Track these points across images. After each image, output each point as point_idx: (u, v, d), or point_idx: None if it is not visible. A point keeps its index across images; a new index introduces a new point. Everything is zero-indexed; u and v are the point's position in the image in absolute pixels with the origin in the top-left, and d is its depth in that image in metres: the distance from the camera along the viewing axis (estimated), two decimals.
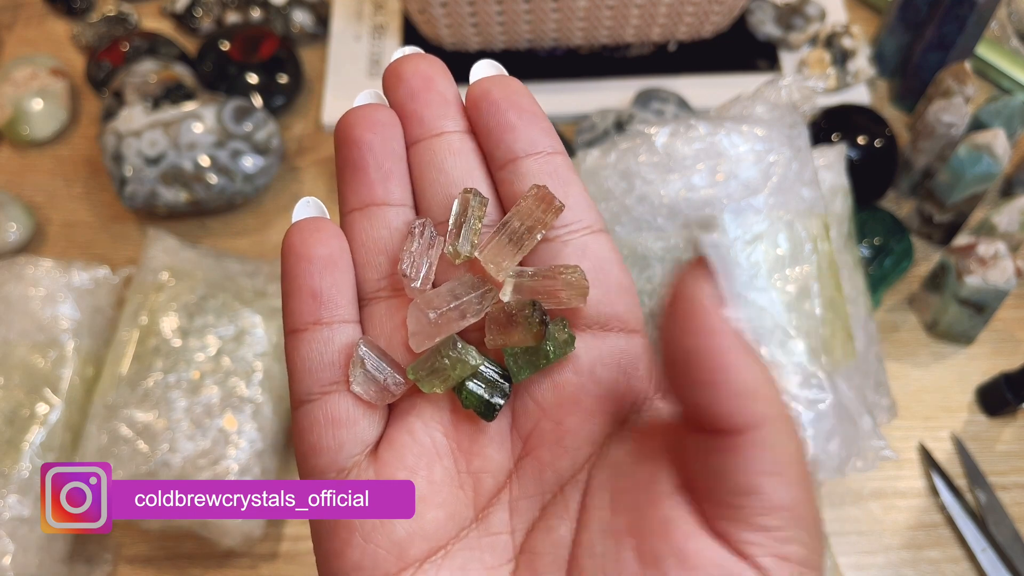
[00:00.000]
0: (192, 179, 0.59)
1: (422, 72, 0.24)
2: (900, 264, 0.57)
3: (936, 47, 0.61)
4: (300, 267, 0.22)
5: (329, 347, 0.22)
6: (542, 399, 0.22)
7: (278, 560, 0.51)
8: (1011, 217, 0.53)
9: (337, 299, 0.22)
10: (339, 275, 0.23)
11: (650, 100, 0.64)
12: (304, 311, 0.22)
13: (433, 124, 0.24)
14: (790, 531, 0.19)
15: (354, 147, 0.23)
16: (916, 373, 0.55)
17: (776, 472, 0.19)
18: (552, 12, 0.62)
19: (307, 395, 0.22)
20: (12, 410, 0.50)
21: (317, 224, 0.23)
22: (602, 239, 0.23)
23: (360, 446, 0.22)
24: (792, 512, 0.19)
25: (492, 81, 0.24)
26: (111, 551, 0.51)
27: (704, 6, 0.62)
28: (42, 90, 0.66)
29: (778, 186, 0.44)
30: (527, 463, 0.22)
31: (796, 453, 0.19)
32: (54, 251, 0.62)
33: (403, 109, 0.24)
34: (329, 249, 0.23)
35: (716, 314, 0.18)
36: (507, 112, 0.23)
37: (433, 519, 0.22)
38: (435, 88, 0.24)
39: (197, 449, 0.48)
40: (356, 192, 0.23)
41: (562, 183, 0.23)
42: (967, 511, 0.50)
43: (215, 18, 0.71)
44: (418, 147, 0.24)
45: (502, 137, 0.23)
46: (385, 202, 0.23)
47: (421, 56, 0.24)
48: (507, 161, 0.23)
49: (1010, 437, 0.53)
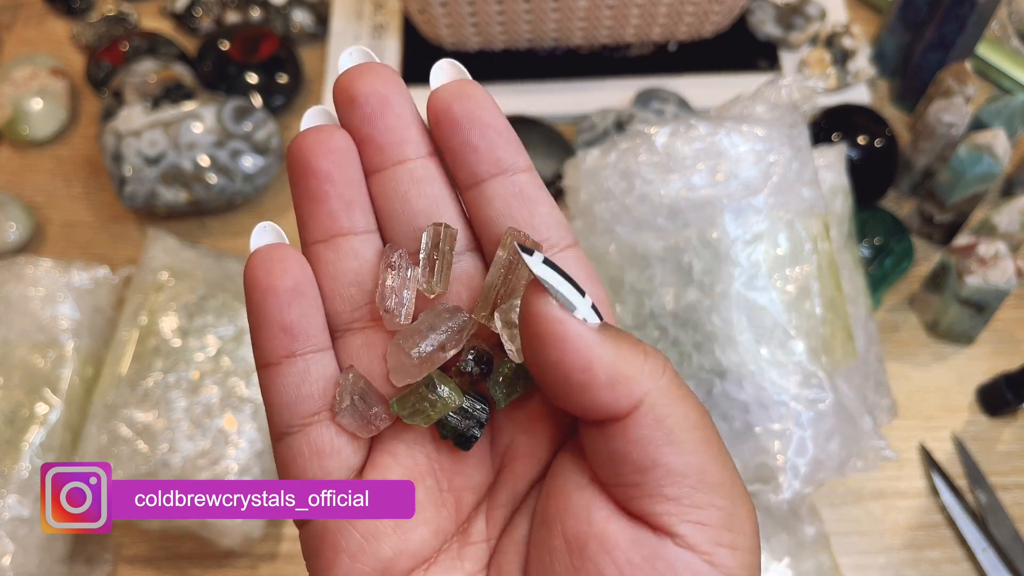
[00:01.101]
0: (192, 179, 0.59)
1: (377, 93, 0.22)
2: (900, 264, 0.57)
3: (936, 47, 0.61)
4: (267, 301, 0.22)
5: (306, 379, 0.22)
6: (515, 415, 0.23)
7: (278, 560, 0.51)
8: (1011, 217, 0.53)
9: (308, 330, 0.22)
10: (307, 305, 0.22)
11: (650, 100, 0.64)
12: (276, 346, 0.22)
13: (393, 152, 0.22)
14: (699, 496, 0.20)
15: (312, 178, 0.22)
16: (916, 373, 0.55)
17: (668, 443, 0.19)
18: (552, 12, 0.62)
19: (288, 428, 0.22)
20: (12, 410, 0.50)
21: (279, 253, 0.22)
22: (570, 255, 0.23)
23: (346, 472, 0.22)
24: (696, 478, 0.20)
25: (453, 94, 0.22)
26: (111, 551, 0.51)
27: (704, 6, 0.62)
28: (42, 90, 0.66)
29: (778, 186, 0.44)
30: (504, 476, 0.23)
31: (687, 420, 0.20)
32: (54, 251, 0.62)
33: (358, 134, 0.22)
34: (294, 279, 0.22)
35: (561, 322, 0.19)
36: (469, 132, 0.22)
37: (419, 537, 0.22)
38: (392, 111, 0.22)
39: (197, 449, 0.48)
40: (319, 224, 0.23)
41: (528, 203, 0.22)
42: (967, 511, 0.50)
43: (215, 18, 0.71)
44: (379, 177, 0.23)
45: (465, 159, 0.22)
46: (351, 232, 0.23)
47: (373, 71, 0.22)
48: (472, 183, 0.23)
49: (1010, 437, 0.53)
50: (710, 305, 0.43)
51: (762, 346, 0.42)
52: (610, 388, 0.19)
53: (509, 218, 0.22)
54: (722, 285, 0.43)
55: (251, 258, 0.22)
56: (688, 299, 0.43)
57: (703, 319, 0.43)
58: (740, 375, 0.42)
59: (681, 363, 0.43)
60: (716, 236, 0.43)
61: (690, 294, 0.43)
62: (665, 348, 0.44)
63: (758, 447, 0.41)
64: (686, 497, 0.20)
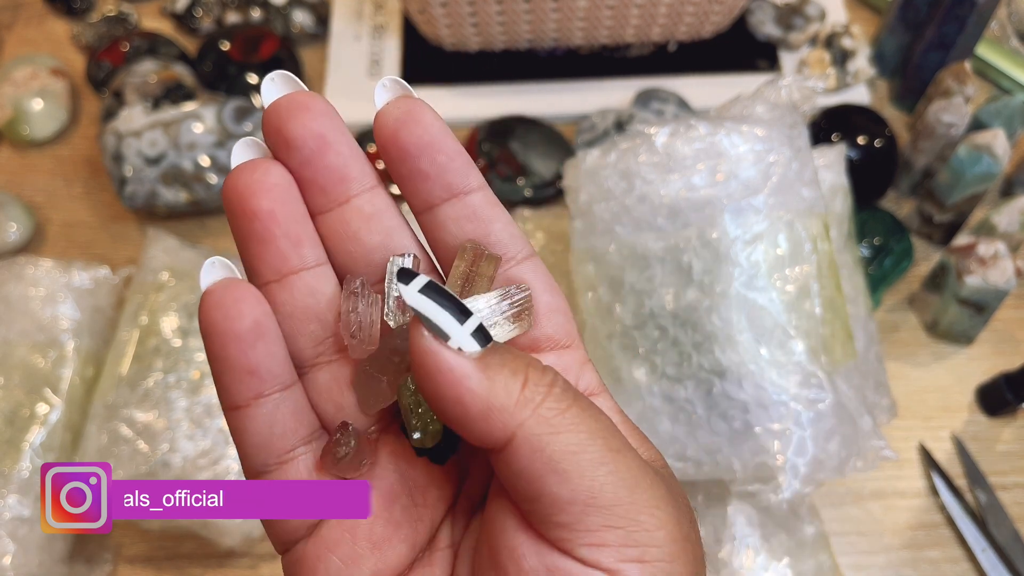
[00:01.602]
0: (192, 179, 0.59)
1: (313, 133, 0.21)
2: (900, 264, 0.57)
3: (936, 47, 0.61)
4: (229, 346, 0.21)
5: (277, 418, 0.22)
6: None
7: (278, 560, 0.50)
8: (1011, 217, 0.53)
9: (273, 369, 0.22)
10: (270, 343, 0.21)
11: (650, 100, 0.64)
12: (243, 390, 0.21)
13: (337, 191, 0.22)
14: (591, 519, 0.19)
15: (255, 220, 0.21)
16: (916, 373, 0.55)
17: (550, 471, 0.19)
18: (552, 12, 0.62)
19: (264, 467, 0.22)
20: (12, 410, 0.50)
21: (233, 291, 0.21)
22: (527, 266, 0.23)
23: None
24: (584, 504, 0.19)
25: (398, 119, 0.21)
26: (111, 551, 0.51)
27: (704, 6, 0.62)
28: (42, 90, 0.66)
29: (778, 186, 0.44)
30: (467, 484, 0.24)
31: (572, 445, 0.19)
32: (54, 251, 0.62)
33: (298, 175, 0.22)
34: (253, 318, 0.21)
35: (433, 354, 0.19)
36: (418, 160, 0.22)
37: (396, 555, 0.22)
38: (331, 149, 0.22)
39: (197, 449, 0.48)
40: (268, 265, 0.22)
41: (482, 223, 0.22)
42: (967, 511, 0.50)
43: (215, 18, 0.71)
44: (327, 218, 0.22)
45: (416, 186, 0.22)
46: (302, 268, 0.22)
47: (305, 107, 0.21)
48: (425, 208, 0.22)
49: (1010, 437, 0.53)
50: (710, 305, 0.43)
51: (762, 346, 0.42)
52: (483, 420, 0.19)
53: (464, 239, 0.22)
54: (722, 285, 0.43)
55: (204, 298, 0.21)
56: (688, 299, 0.43)
57: (703, 319, 0.43)
58: (740, 375, 0.42)
59: (681, 363, 0.43)
60: (716, 236, 0.43)
61: (690, 294, 0.43)
62: (665, 348, 0.44)
63: (758, 447, 0.41)
64: (577, 523, 0.19)
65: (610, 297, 0.46)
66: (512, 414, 0.19)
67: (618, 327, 0.45)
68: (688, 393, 0.43)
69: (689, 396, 0.43)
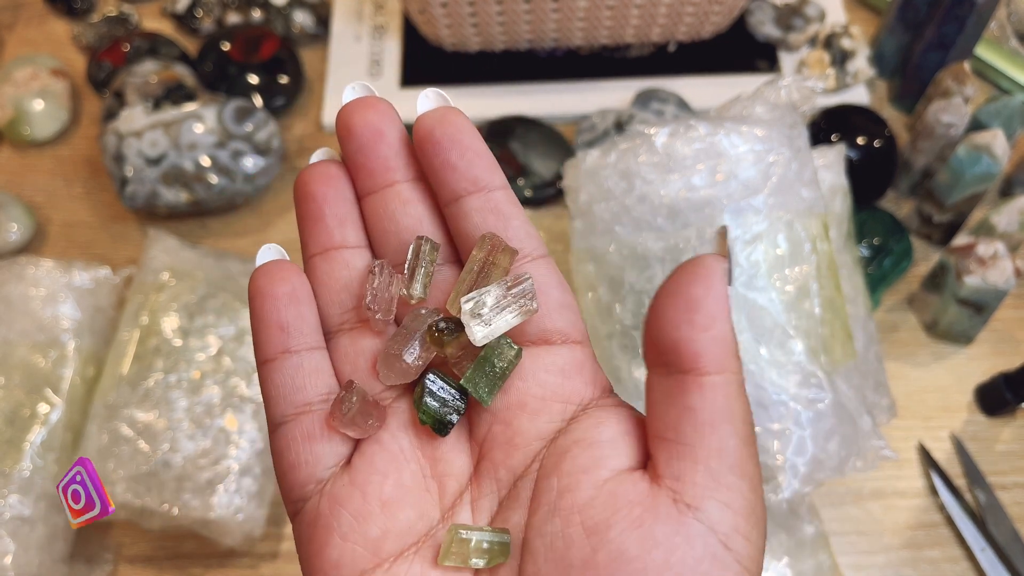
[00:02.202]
0: (193, 179, 0.59)
1: (371, 125, 0.25)
2: (899, 264, 0.57)
3: (935, 47, 0.61)
4: (266, 304, 0.25)
5: (299, 372, 0.25)
6: (492, 406, 0.25)
7: (279, 559, 0.51)
8: (1010, 217, 0.53)
9: (302, 328, 0.25)
10: (302, 308, 0.25)
11: (650, 100, 0.64)
12: (273, 342, 0.25)
13: (383, 177, 0.25)
14: (733, 479, 0.21)
15: (311, 200, 0.26)
16: (915, 373, 0.55)
17: (728, 420, 0.21)
18: (552, 12, 0.62)
19: (282, 417, 0.25)
20: (13, 410, 0.50)
21: (278, 265, 0.25)
22: (541, 264, 0.25)
23: (335, 458, 0.25)
24: (736, 463, 0.21)
25: (435, 119, 0.25)
26: (111, 551, 0.51)
27: (704, 7, 0.62)
28: (43, 90, 0.66)
29: (777, 186, 0.44)
30: (484, 465, 0.24)
31: (747, 415, 0.22)
32: (55, 251, 0.62)
33: (354, 161, 0.26)
34: (291, 286, 0.25)
35: (722, 281, 0.21)
36: (449, 152, 0.25)
37: (405, 519, 0.24)
38: (384, 140, 0.25)
39: (198, 449, 0.48)
40: (316, 239, 0.26)
41: (503, 217, 0.25)
42: (966, 511, 0.50)
43: (216, 18, 0.71)
44: (371, 199, 0.26)
45: (445, 177, 0.25)
46: (343, 245, 0.26)
47: (370, 105, 0.25)
48: (451, 200, 0.25)
49: (1009, 437, 0.53)
50: None
51: (761, 346, 0.42)
52: (713, 343, 0.21)
53: (484, 231, 0.25)
54: None
55: (255, 272, 0.25)
56: None
57: None
58: None
59: None
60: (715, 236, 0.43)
61: None
62: None
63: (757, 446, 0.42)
64: (723, 476, 0.21)
65: (610, 297, 0.46)
66: (735, 361, 0.22)
67: (618, 327, 0.45)
68: None
69: None
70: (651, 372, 0.23)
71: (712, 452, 0.21)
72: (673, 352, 0.21)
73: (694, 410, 0.21)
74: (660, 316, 0.22)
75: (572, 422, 0.24)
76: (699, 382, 0.21)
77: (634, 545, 0.21)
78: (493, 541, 0.23)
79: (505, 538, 0.23)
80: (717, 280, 0.21)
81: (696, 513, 0.21)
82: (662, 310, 0.22)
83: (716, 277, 0.21)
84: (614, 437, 0.23)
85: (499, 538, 0.23)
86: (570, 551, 0.21)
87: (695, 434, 0.21)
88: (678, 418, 0.21)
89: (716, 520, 0.21)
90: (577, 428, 0.24)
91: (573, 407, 0.24)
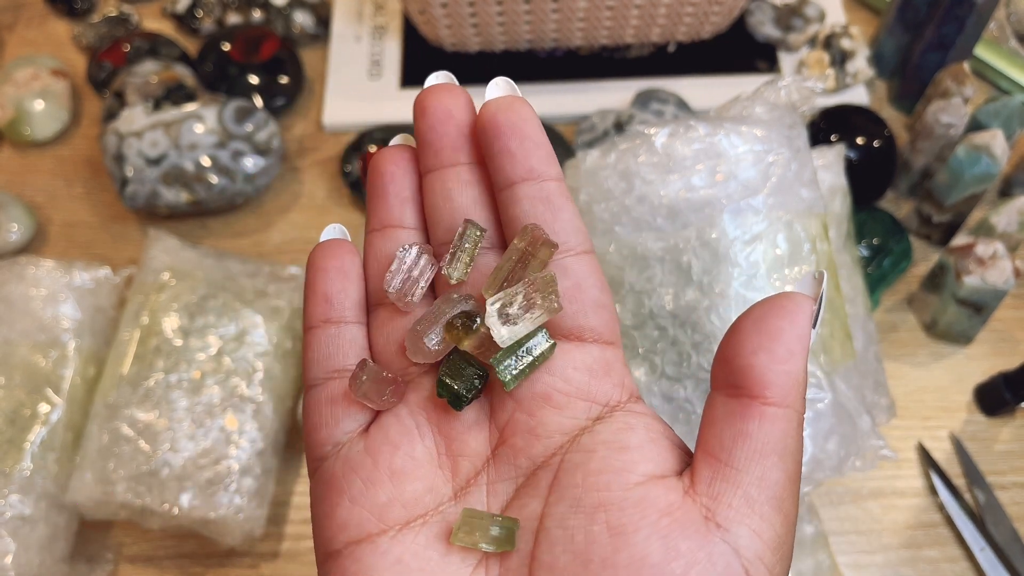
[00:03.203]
0: (193, 179, 0.59)
1: (444, 106, 0.26)
2: (899, 264, 0.57)
3: (935, 48, 0.61)
4: (317, 276, 0.26)
5: (335, 341, 0.26)
6: (516, 394, 0.25)
7: (279, 559, 0.51)
8: (1009, 217, 0.53)
9: (344, 302, 0.26)
10: (348, 283, 0.26)
11: (650, 101, 0.64)
12: (317, 311, 0.26)
13: (447, 156, 0.26)
14: (768, 510, 0.21)
15: (380, 177, 0.27)
16: (915, 373, 0.55)
17: (779, 453, 0.22)
18: (552, 13, 0.62)
19: (314, 380, 0.26)
20: (13, 410, 0.50)
21: (336, 243, 0.27)
22: (584, 260, 0.25)
23: (354, 424, 0.26)
24: (776, 495, 0.22)
25: (500, 105, 0.26)
26: (112, 550, 0.51)
27: (703, 7, 0.62)
28: (43, 90, 0.66)
29: (777, 186, 0.44)
30: (503, 450, 0.25)
31: (798, 454, 0.22)
32: (55, 251, 0.62)
33: (423, 138, 0.27)
34: (341, 262, 0.27)
35: (807, 321, 0.22)
36: (509, 139, 0.25)
37: (412, 490, 0.24)
38: (453, 122, 0.26)
39: (198, 448, 0.49)
40: (377, 215, 0.27)
41: (553, 209, 0.25)
42: (965, 510, 0.50)
43: (216, 19, 0.71)
44: (432, 176, 0.27)
45: (502, 163, 0.25)
46: (400, 224, 0.27)
47: (447, 90, 0.26)
48: (506, 186, 0.26)
49: (1008, 437, 0.53)
50: (709, 305, 0.43)
51: None
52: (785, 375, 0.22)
53: (533, 218, 0.25)
54: (721, 285, 0.43)
55: (315, 248, 0.27)
56: (687, 299, 0.43)
57: (702, 319, 0.43)
58: None
59: (680, 363, 0.43)
60: (715, 236, 0.43)
61: (689, 294, 0.43)
62: (664, 348, 0.44)
63: None
64: (760, 505, 0.21)
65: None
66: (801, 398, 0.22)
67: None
68: (687, 393, 0.43)
69: (688, 396, 0.43)
70: (715, 391, 0.23)
71: (755, 480, 0.22)
72: (744, 376, 0.22)
73: (750, 436, 0.22)
74: (739, 339, 0.22)
75: (598, 422, 0.24)
76: (762, 411, 0.22)
77: (657, 552, 0.21)
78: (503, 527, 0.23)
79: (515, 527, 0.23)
80: (803, 318, 0.22)
81: (725, 534, 0.21)
82: (743, 334, 0.22)
83: (803, 315, 0.22)
84: (643, 443, 0.23)
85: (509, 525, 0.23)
86: (591, 547, 0.22)
87: (744, 459, 0.22)
88: (732, 440, 0.22)
89: (743, 545, 0.21)
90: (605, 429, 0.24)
91: (599, 407, 0.24)
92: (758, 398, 0.22)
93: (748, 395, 0.22)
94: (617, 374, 0.25)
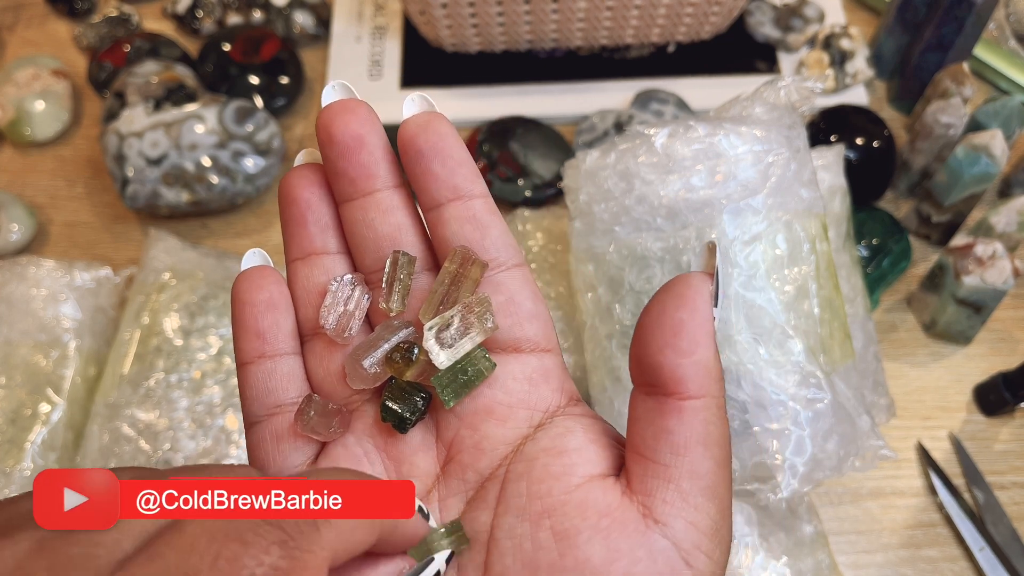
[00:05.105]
0: (194, 179, 0.59)
1: (352, 132, 0.25)
2: (898, 264, 0.57)
3: (934, 48, 0.61)
4: (245, 311, 0.26)
5: (272, 377, 0.26)
6: (460, 410, 0.25)
7: None
8: (1009, 217, 0.53)
9: (277, 335, 0.26)
10: (279, 315, 0.26)
11: (649, 101, 0.64)
12: (250, 348, 0.26)
13: (363, 184, 0.26)
14: (702, 500, 0.22)
15: (294, 204, 0.26)
16: (914, 373, 0.55)
17: (704, 444, 0.22)
18: (552, 13, 0.62)
19: (256, 417, 0.26)
20: (14, 409, 0.50)
21: (260, 272, 0.26)
22: (515, 274, 0.26)
23: (303, 457, 0.26)
24: (708, 485, 0.22)
25: (419, 125, 0.25)
26: None
27: (703, 7, 0.62)
28: (44, 91, 0.66)
29: (776, 186, 0.44)
30: (451, 467, 0.25)
31: (723, 439, 0.22)
32: (56, 251, 0.62)
33: (335, 167, 0.26)
34: (269, 293, 0.26)
35: (706, 304, 0.22)
36: (431, 161, 0.25)
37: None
38: (365, 148, 0.25)
39: (199, 448, 0.49)
40: (298, 244, 0.27)
41: (481, 227, 0.25)
42: (965, 510, 0.50)
43: (216, 19, 0.71)
44: (350, 206, 0.26)
45: (427, 184, 0.25)
46: (324, 251, 0.26)
47: (351, 110, 0.25)
48: (432, 207, 0.25)
49: (1008, 436, 0.53)
50: None
51: (760, 346, 0.42)
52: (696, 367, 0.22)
53: (462, 239, 0.25)
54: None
55: (238, 278, 0.26)
56: None
57: None
58: (738, 375, 0.42)
59: None
60: (715, 237, 0.43)
61: None
62: None
63: (756, 446, 0.42)
64: (693, 496, 0.22)
65: (610, 297, 0.46)
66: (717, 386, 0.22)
67: (618, 327, 0.45)
68: None
69: None
70: (635, 389, 0.23)
71: (684, 473, 0.22)
72: (656, 375, 0.22)
73: (671, 432, 0.22)
74: (644, 338, 0.22)
75: (539, 429, 0.24)
76: (679, 406, 0.22)
77: (599, 554, 0.21)
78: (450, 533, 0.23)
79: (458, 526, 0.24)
80: (702, 302, 0.22)
81: (663, 529, 0.21)
82: (647, 332, 0.22)
83: (701, 299, 0.22)
84: (581, 445, 0.24)
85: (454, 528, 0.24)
86: (538, 554, 0.22)
87: (671, 455, 0.22)
88: (655, 438, 0.22)
89: (681, 537, 0.21)
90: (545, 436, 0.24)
91: (540, 414, 0.25)
92: (673, 395, 0.22)
93: (663, 392, 0.22)
94: (556, 379, 0.25)
